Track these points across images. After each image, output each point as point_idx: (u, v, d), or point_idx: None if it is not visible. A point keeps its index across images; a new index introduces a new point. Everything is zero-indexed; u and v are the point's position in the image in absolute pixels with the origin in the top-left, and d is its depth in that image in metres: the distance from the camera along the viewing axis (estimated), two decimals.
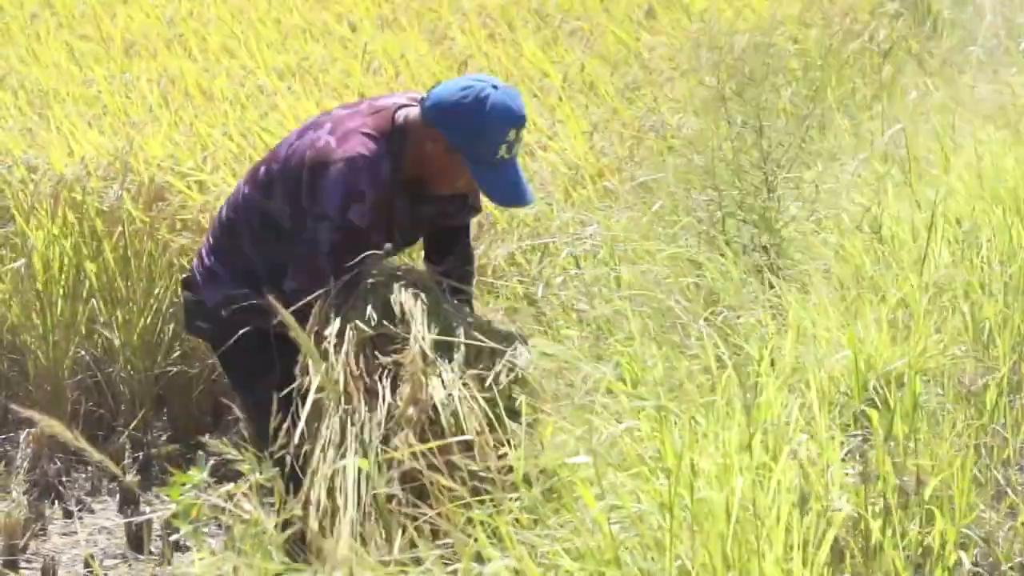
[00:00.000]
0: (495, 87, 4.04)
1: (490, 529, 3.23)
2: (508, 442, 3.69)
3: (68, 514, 5.81)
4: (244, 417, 5.57)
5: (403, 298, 3.90)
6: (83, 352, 6.37)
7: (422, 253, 4.50)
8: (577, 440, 3.48)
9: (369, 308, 3.89)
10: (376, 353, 3.87)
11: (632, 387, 4.00)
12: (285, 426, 3.73)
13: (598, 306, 4.69)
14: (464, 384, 3.79)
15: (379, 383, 3.81)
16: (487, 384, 3.82)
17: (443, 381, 3.78)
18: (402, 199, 4.11)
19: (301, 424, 3.73)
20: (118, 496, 5.89)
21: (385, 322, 3.88)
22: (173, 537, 5.38)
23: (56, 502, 5.88)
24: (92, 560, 5.40)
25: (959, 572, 3.51)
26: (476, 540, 3.19)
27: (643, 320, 4.42)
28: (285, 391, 3.85)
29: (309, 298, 3.89)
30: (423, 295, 3.94)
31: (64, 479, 5.98)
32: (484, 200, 4.37)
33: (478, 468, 3.60)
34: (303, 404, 3.74)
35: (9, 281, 6.33)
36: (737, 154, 5.36)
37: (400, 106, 4.15)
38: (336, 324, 3.87)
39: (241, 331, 4.13)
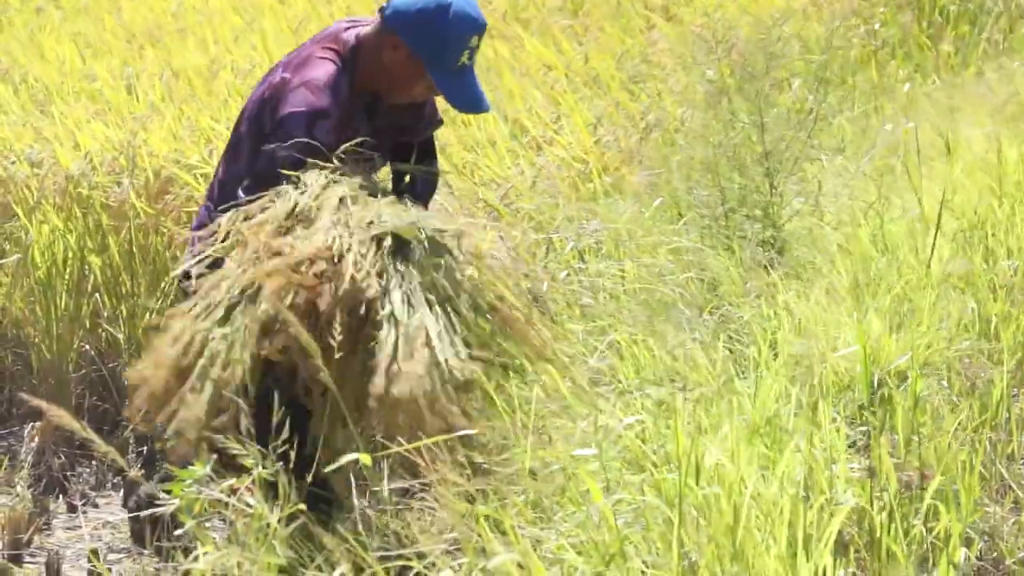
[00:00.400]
0: None
1: (493, 522, 3.22)
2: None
3: (72, 508, 5.81)
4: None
5: (309, 178, 3.88)
6: (87, 346, 6.37)
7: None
8: (583, 433, 3.48)
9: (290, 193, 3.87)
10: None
11: (635, 374, 4.01)
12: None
13: (602, 300, 4.68)
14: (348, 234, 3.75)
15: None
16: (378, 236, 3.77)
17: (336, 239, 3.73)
18: (360, 116, 4.12)
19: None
20: (122, 490, 5.89)
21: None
22: (178, 532, 5.37)
23: (60, 496, 5.89)
24: (96, 555, 5.40)
25: (963, 567, 3.50)
26: (480, 534, 3.18)
27: (647, 313, 4.42)
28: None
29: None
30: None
31: (68, 473, 5.98)
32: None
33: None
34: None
35: (11, 275, 6.33)
36: (738, 148, 5.35)
37: (345, 29, 4.20)
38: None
39: None
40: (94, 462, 6.03)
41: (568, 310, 4.81)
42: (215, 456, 3.43)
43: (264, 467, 3.30)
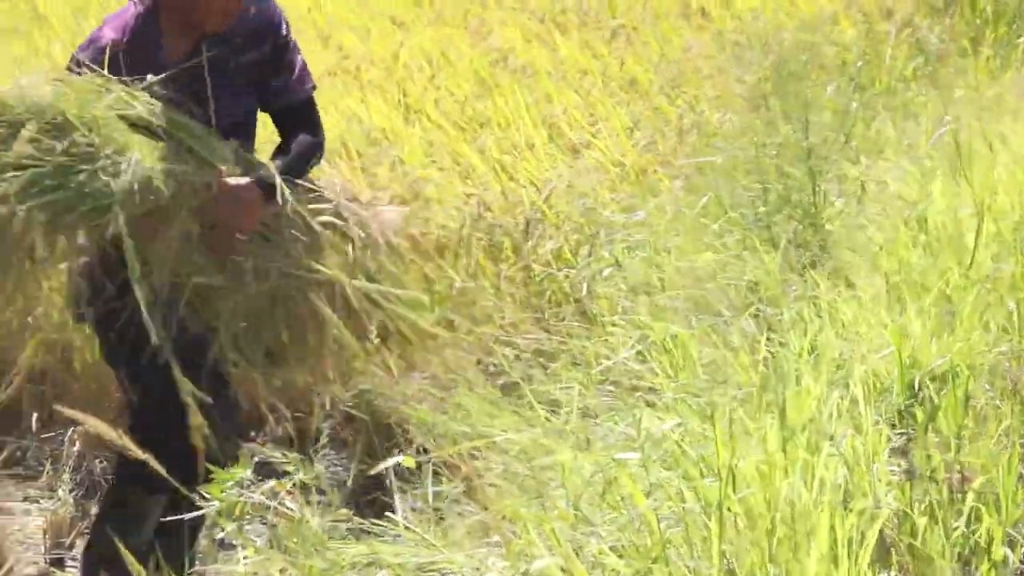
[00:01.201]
0: None
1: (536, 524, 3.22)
2: None
3: None
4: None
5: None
6: None
7: None
8: (622, 436, 3.48)
9: None
10: None
11: (674, 376, 4.00)
12: None
13: (641, 302, 4.68)
14: None
15: None
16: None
17: None
18: (165, 51, 4.26)
19: None
20: None
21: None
22: (219, 535, 5.37)
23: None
24: None
25: (1006, 570, 3.49)
26: (522, 538, 3.18)
27: (687, 314, 4.42)
28: None
29: None
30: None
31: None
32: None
33: None
34: None
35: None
36: (780, 149, 5.34)
37: None
38: None
39: None
40: None
41: (608, 311, 4.82)
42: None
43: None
